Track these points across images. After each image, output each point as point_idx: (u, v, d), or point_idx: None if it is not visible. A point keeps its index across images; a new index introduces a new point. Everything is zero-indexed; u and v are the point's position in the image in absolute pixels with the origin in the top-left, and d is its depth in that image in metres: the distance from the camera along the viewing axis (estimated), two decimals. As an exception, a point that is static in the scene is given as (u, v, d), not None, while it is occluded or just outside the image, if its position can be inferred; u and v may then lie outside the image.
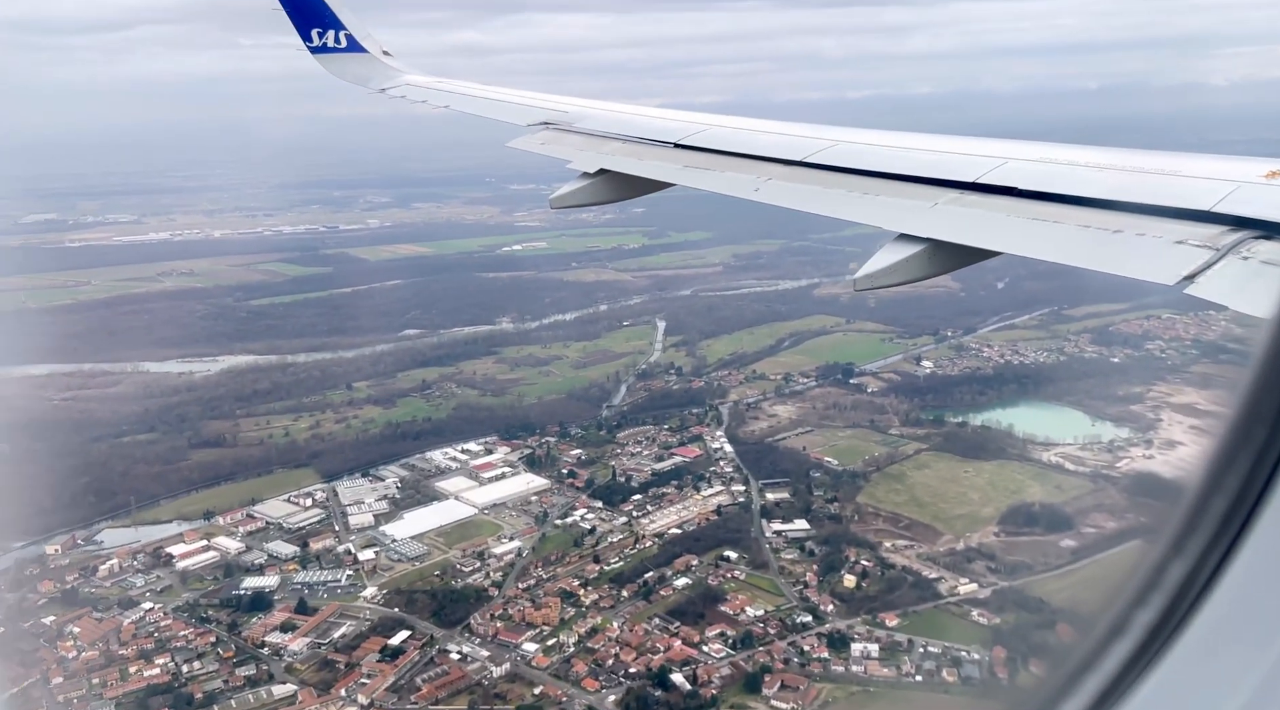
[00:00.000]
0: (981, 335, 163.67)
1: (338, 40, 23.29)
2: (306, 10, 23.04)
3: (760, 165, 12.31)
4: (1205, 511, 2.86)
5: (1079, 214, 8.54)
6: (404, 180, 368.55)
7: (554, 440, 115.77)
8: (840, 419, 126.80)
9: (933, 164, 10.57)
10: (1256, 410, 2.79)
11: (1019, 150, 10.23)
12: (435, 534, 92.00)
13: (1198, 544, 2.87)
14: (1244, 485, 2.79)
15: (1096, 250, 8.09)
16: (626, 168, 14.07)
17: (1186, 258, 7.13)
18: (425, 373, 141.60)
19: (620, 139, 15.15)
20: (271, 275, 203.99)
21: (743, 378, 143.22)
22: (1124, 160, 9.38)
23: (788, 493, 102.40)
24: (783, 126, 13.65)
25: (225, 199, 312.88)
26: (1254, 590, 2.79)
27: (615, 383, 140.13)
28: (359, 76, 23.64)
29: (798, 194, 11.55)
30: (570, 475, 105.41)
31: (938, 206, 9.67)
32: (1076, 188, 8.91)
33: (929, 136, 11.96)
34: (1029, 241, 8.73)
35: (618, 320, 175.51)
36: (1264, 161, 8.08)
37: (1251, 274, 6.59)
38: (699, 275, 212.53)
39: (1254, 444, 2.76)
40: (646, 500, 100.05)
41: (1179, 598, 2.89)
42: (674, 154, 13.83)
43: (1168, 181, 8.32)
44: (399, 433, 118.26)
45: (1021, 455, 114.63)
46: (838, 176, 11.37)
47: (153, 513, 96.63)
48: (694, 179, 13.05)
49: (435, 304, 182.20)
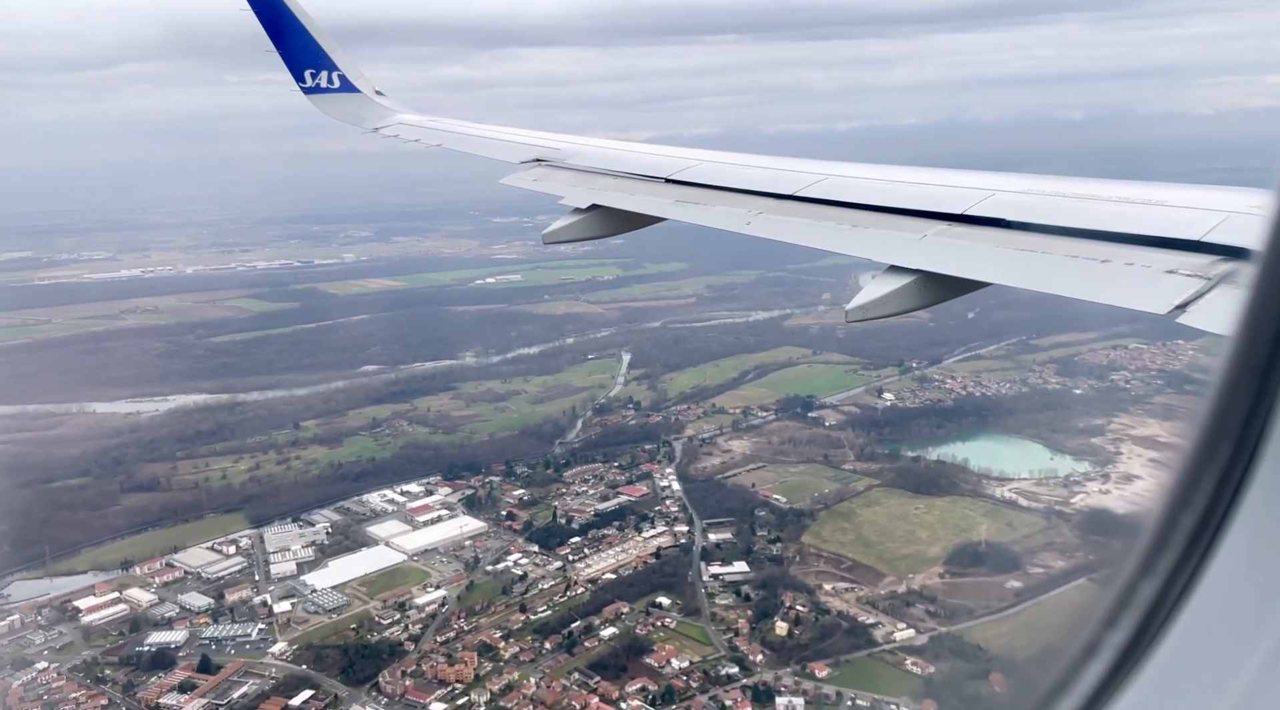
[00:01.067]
0: (946, 366, 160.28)
1: (330, 81, 23.33)
2: (299, 52, 22.86)
3: (751, 199, 12.21)
4: (1173, 529, 2.86)
5: (1067, 244, 8.42)
6: (387, 215, 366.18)
7: (498, 480, 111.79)
8: (794, 454, 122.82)
9: (921, 197, 10.41)
10: (1220, 427, 2.78)
11: (1006, 182, 10.11)
12: (359, 583, 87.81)
13: (1167, 562, 2.87)
14: (1210, 503, 2.80)
15: (1086, 280, 7.97)
16: (618, 203, 13.97)
17: (1178, 287, 7.03)
18: (377, 410, 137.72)
19: (611, 175, 15.09)
20: (237, 311, 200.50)
21: (701, 412, 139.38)
22: (1111, 191, 9.18)
23: (731, 533, 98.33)
24: (773, 161, 13.55)
25: (205, 235, 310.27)
26: (1223, 607, 2.81)
27: (571, 418, 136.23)
28: (352, 116, 23.57)
29: (789, 227, 11.36)
30: (509, 517, 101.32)
31: (927, 238, 9.51)
32: (1064, 219, 8.82)
33: (917, 170, 11.72)
34: (1018, 272, 8.59)
35: (582, 354, 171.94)
36: (1252, 192, 7.88)
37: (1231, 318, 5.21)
38: (671, 307, 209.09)
39: (1218, 461, 2.77)
40: (585, 543, 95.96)
41: (1150, 617, 2.88)
42: (665, 189, 13.77)
43: (1156, 212, 8.25)
44: (340, 474, 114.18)
45: (975, 491, 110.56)
46: (828, 210, 11.19)
47: (70, 563, 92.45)
48: (685, 213, 12.91)
49: (399, 339, 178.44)
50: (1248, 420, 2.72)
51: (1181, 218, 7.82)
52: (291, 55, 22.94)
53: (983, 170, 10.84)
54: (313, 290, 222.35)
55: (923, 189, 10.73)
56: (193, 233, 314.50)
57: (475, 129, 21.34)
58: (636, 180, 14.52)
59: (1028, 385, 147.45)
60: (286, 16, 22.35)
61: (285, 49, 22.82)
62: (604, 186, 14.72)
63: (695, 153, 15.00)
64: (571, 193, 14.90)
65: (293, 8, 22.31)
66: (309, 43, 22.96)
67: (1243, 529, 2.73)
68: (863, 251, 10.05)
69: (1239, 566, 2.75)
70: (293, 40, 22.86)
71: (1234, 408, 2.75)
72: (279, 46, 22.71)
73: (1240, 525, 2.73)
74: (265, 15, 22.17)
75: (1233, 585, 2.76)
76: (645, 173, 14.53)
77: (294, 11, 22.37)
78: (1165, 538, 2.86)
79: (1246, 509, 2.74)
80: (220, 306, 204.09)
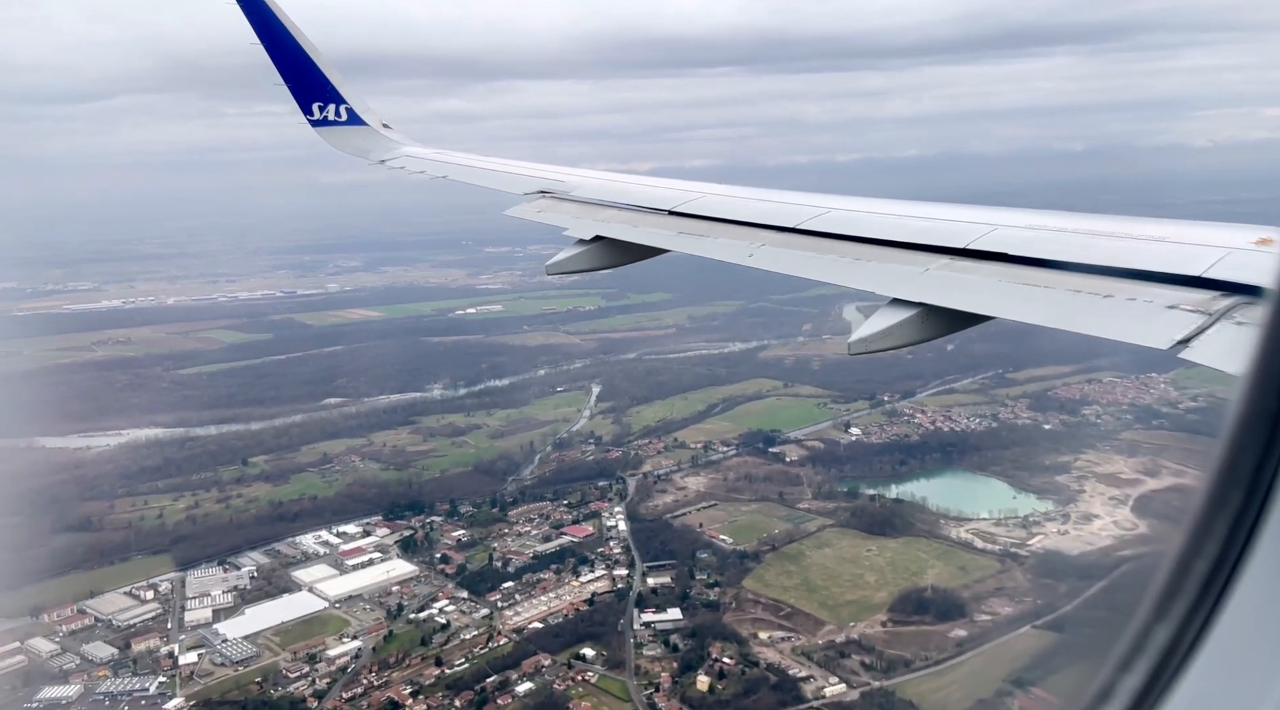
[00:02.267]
0: (919, 400, 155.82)
1: (338, 114, 23.34)
2: (307, 85, 22.86)
3: (754, 232, 12.08)
4: (1187, 574, 2.87)
5: (1069, 279, 8.26)
6: (382, 244, 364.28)
7: (440, 520, 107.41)
8: (749, 492, 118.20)
9: (924, 230, 10.23)
10: (1232, 473, 2.78)
11: (1008, 217, 9.93)
12: (273, 632, 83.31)
13: (1181, 607, 2.88)
14: (1223, 548, 2.82)
15: (1089, 315, 7.74)
16: (622, 235, 13.86)
17: (1180, 322, 6.84)
18: (331, 445, 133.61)
19: (615, 207, 15.05)
20: (209, 343, 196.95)
21: (662, 447, 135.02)
22: (1113, 227, 9.06)
23: (671, 576, 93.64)
24: (775, 194, 13.42)
25: (196, 265, 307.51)
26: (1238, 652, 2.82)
27: (529, 454, 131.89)
28: (359, 149, 23.51)
29: (791, 260, 11.13)
30: (444, 560, 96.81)
31: (929, 272, 9.35)
32: (1066, 253, 8.67)
33: (918, 204, 11.47)
34: (1020, 306, 8.38)
35: (551, 386, 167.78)
36: (1253, 228, 7.75)
37: (1246, 339, 6.01)
38: (650, 337, 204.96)
39: (1231, 507, 2.80)
40: (518, 588, 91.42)
41: (1164, 662, 2.89)
42: (668, 221, 13.69)
43: (1157, 247, 8.09)
44: (278, 514, 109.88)
45: (931, 532, 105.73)
46: (830, 242, 11.05)
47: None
48: (688, 245, 12.78)
49: (368, 371, 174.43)
50: (1259, 466, 2.71)
51: (1183, 253, 7.76)
52: (300, 89, 22.93)
53: (985, 204, 10.71)
54: (289, 321, 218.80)
55: (925, 223, 10.59)
56: (183, 263, 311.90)
57: (480, 162, 21.30)
58: (640, 212, 14.39)
59: (998, 420, 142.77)
60: (295, 50, 22.29)
61: (294, 82, 22.77)
62: (607, 218, 14.60)
63: (699, 186, 14.79)
64: (575, 224, 14.78)
65: (301, 42, 22.24)
66: (317, 76, 22.95)
67: (1256, 574, 2.72)
68: (865, 284, 9.85)
69: (1252, 612, 2.72)
70: (301, 74, 22.80)
71: (1245, 454, 2.72)
72: (287, 80, 22.61)
73: (1253, 571, 2.72)
74: (274, 49, 22.01)
75: (1246, 631, 2.74)
76: (648, 205, 14.42)
77: (303, 45, 22.30)
78: (1179, 583, 2.83)
79: (1260, 554, 2.73)
80: (193, 338, 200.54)
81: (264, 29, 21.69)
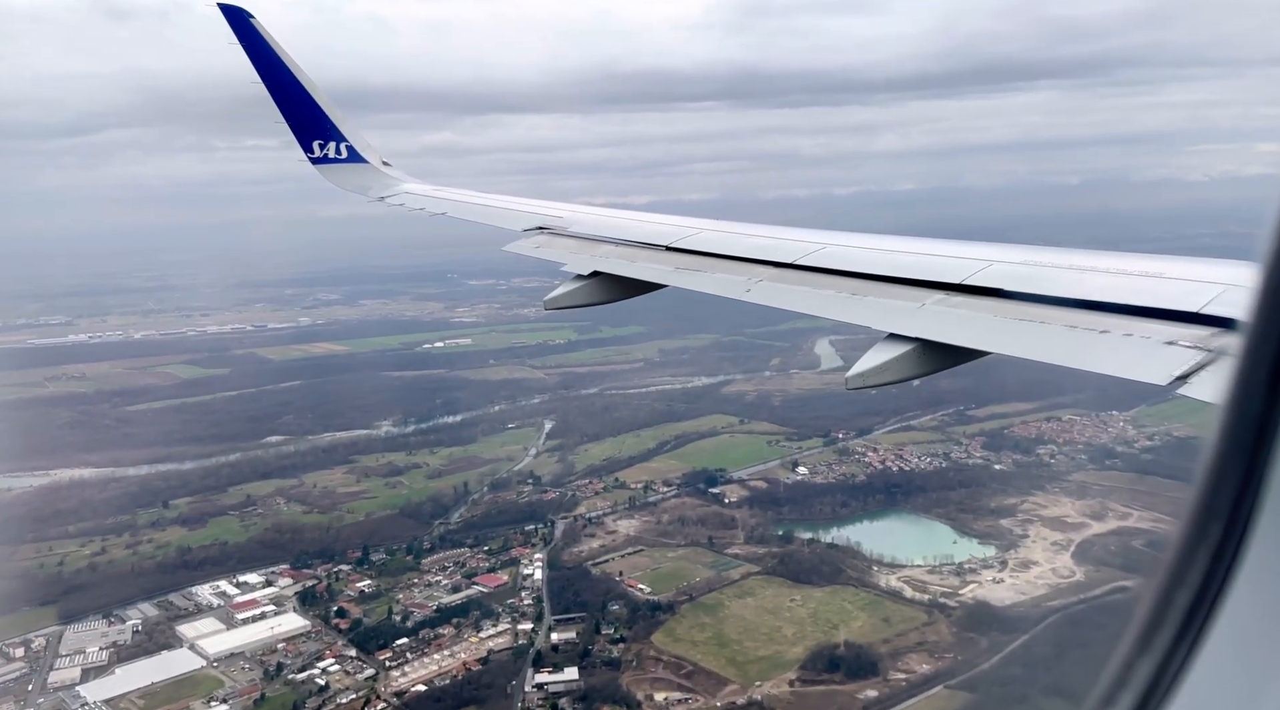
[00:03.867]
0: (875, 438, 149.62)
1: (339, 151, 23.20)
2: (308, 123, 22.75)
3: (751, 267, 11.98)
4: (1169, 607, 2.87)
5: (1066, 315, 8.20)
6: (367, 277, 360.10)
7: (348, 569, 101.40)
8: (680, 535, 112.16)
9: (920, 266, 10.17)
10: (1211, 505, 2.79)
11: (1004, 253, 9.92)
12: (139, 694, 77.33)
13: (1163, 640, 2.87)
14: (1204, 581, 2.81)
15: (1085, 351, 7.69)
16: (619, 270, 13.69)
17: (1178, 359, 6.82)
18: (260, 486, 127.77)
19: (613, 242, 14.91)
20: (164, 378, 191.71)
21: (602, 487, 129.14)
22: (1109, 263, 9.02)
23: (577, 631, 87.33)
24: (772, 230, 13.44)
25: (174, 299, 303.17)
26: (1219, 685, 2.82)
27: (463, 495, 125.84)
28: (359, 186, 23.29)
29: (788, 295, 11.07)
30: (340, 614, 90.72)
31: (925, 307, 9.30)
32: (1062, 289, 8.59)
33: (915, 240, 11.56)
34: (1016, 342, 8.32)
35: (503, 423, 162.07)
36: (1248, 264, 6.75)
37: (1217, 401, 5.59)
38: (615, 372, 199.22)
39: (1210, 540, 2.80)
40: (411, 645, 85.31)
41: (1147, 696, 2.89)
42: (666, 256, 13.50)
43: (1154, 284, 8.11)
44: (184, 561, 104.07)
45: (861, 579, 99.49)
46: (827, 278, 10.94)
47: None
48: (686, 280, 12.57)
49: (319, 407, 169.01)
50: (1238, 498, 2.73)
51: (1179, 290, 7.72)
52: (300, 127, 22.76)
53: (981, 238, 10.89)
54: (251, 355, 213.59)
55: (921, 259, 10.50)
56: (162, 297, 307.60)
57: (478, 198, 21.23)
58: (637, 248, 14.29)
59: (949, 460, 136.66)
60: (296, 89, 22.13)
61: (294, 121, 22.59)
62: (605, 253, 14.50)
63: (696, 221, 14.77)
64: (573, 260, 14.62)
65: (302, 80, 22.07)
66: (318, 114, 22.81)
67: (1237, 606, 2.73)
68: (862, 319, 9.78)
69: (1234, 644, 2.74)
70: (302, 112, 22.61)
71: (1224, 485, 2.74)
72: (288, 118, 22.45)
73: (1234, 602, 2.73)
74: (275, 88, 21.86)
75: (1228, 662, 2.75)
76: (646, 241, 14.34)
77: (303, 84, 22.14)
78: (1161, 616, 2.85)
79: (1240, 586, 2.73)
80: (150, 373, 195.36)
81: (265, 68, 21.47)
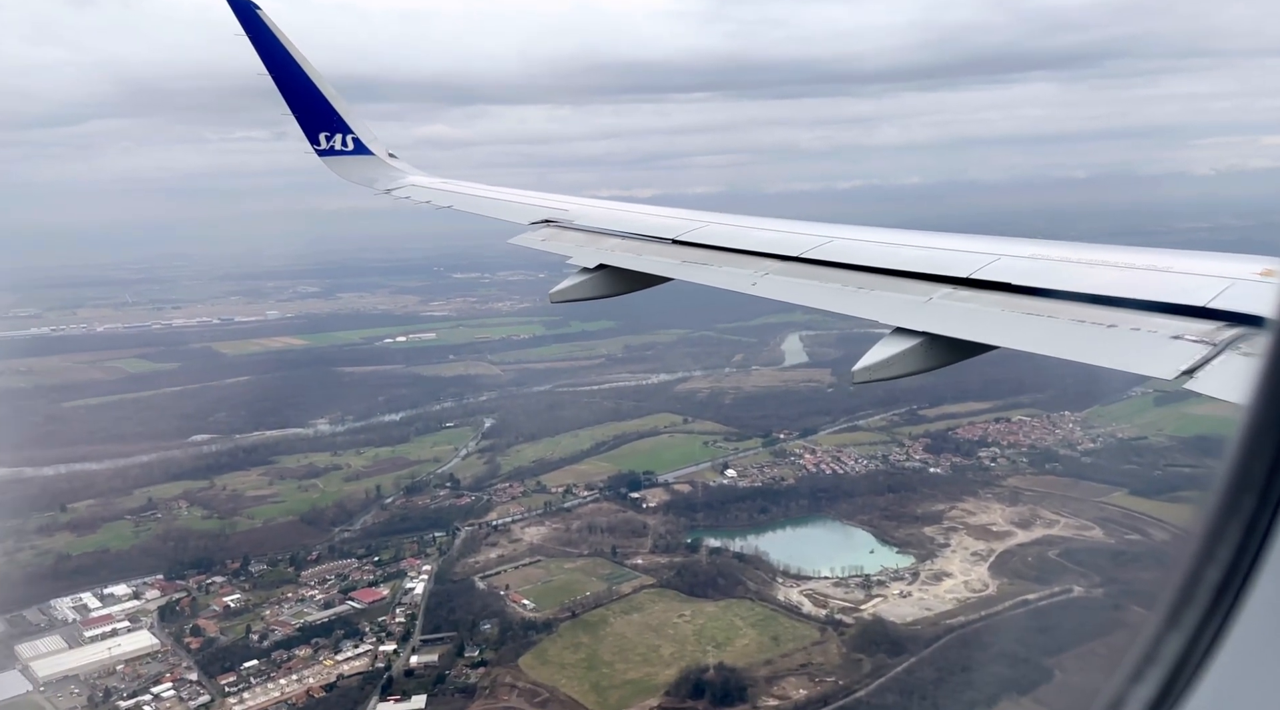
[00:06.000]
0: (819, 438, 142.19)
1: (345, 143, 22.73)
2: (314, 115, 22.20)
3: (757, 260, 11.78)
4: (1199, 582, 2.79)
5: (1072, 309, 8.07)
6: (353, 270, 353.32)
7: (222, 581, 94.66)
8: (585, 544, 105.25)
9: (927, 260, 9.97)
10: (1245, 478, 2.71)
11: (1011, 247, 9.72)
12: (-55, 725, 70.59)
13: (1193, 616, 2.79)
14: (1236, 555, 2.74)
15: (1092, 344, 7.62)
16: (625, 263, 13.46)
17: (1184, 353, 6.72)
18: (167, 488, 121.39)
19: (619, 235, 14.66)
20: (111, 373, 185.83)
21: (521, 491, 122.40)
22: (1116, 257, 8.84)
23: (440, 653, 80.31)
24: (779, 223, 13.11)
25: (153, 292, 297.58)
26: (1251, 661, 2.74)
27: (374, 499, 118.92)
28: (365, 178, 22.82)
29: (794, 288, 10.80)
30: (194, 632, 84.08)
31: (933, 301, 9.16)
32: (1069, 283, 8.47)
33: (921, 234, 11.26)
34: (1023, 336, 8.21)
35: (441, 422, 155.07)
36: (1257, 259, 7.65)
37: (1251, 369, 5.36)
38: (575, 368, 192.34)
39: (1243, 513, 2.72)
40: (259, 669, 78.71)
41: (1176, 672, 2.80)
42: (672, 250, 13.31)
43: (1161, 278, 7.92)
44: (57, 570, 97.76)
45: (761, 592, 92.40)
46: (834, 271, 10.76)
47: None
48: (692, 274, 12.41)
49: (257, 404, 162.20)
50: (1272, 471, 2.68)
51: (1186, 284, 7.55)
52: (306, 118, 22.12)
53: (987, 232, 10.53)
54: (205, 350, 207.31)
55: (928, 253, 10.27)
56: (142, 290, 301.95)
57: (484, 191, 21.08)
58: (644, 241, 14.04)
59: (887, 462, 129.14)
60: (302, 80, 21.48)
61: (300, 112, 21.99)
62: (611, 247, 14.24)
63: (702, 215, 14.44)
64: (579, 253, 14.40)
65: (308, 72, 21.43)
66: (324, 106, 22.14)
67: (1269, 581, 2.67)
68: (868, 313, 9.54)
69: (1266, 619, 2.68)
70: (308, 104, 21.96)
71: (1258, 459, 2.68)
72: (294, 110, 21.87)
73: (1267, 577, 2.67)
74: (281, 79, 21.19)
75: (1260, 638, 2.69)
76: (652, 234, 14.07)
77: (310, 75, 21.51)
78: (1191, 591, 2.77)
79: (1273, 561, 2.68)
80: (98, 368, 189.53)
81: (271, 60, 20.89)
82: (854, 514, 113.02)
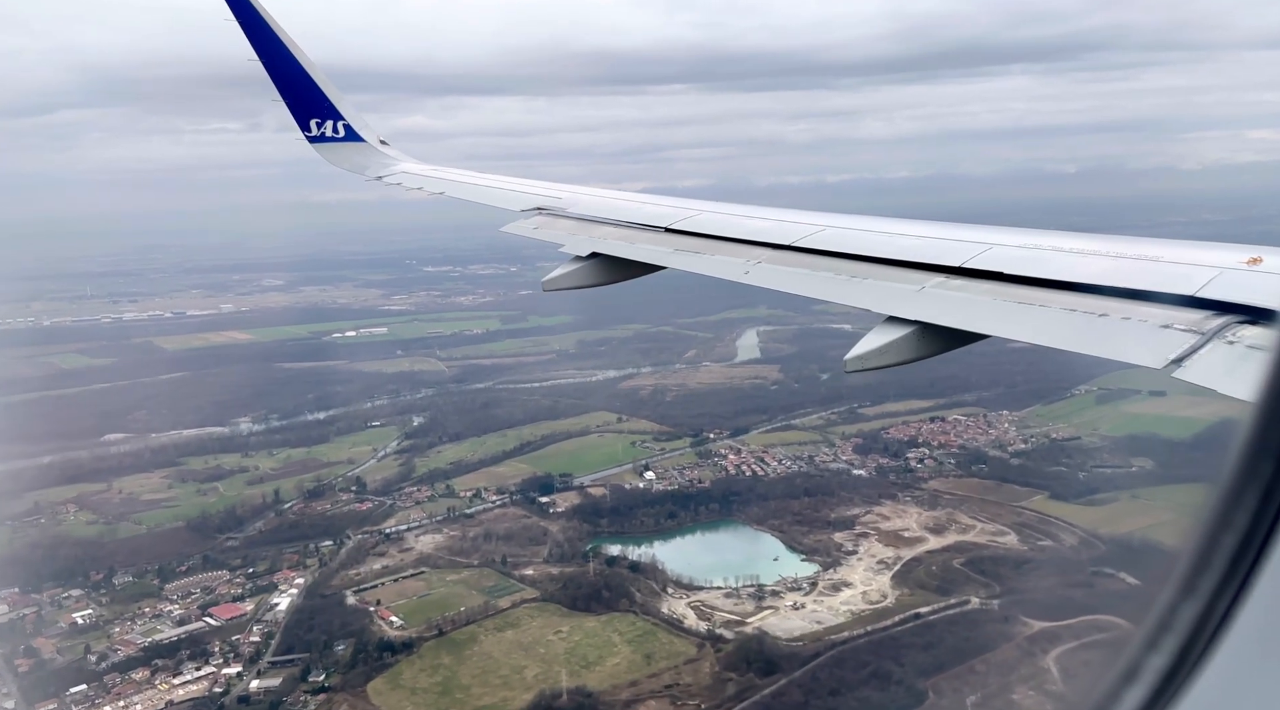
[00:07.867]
0: (750, 437, 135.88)
1: (335, 130, 22.35)
2: (305, 101, 21.76)
3: (749, 249, 11.55)
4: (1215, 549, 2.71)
5: (1064, 298, 7.97)
6: (322, 263, 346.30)
7: (79, 594, 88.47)
8: (478, 554, 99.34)
9: (918, 249, 9.78)
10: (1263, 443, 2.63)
11: (1002, 236, 9.53)
12: None
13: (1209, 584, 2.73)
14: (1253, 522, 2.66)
15: (1082, 333, 7.54)
16: (618, 251, 13.23)
17: (1173, 341, 6.66)
18: (60, 492, 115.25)
19: (612, 224, 14.35)
20: (43, 369, 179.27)
21: (428, 496, 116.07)
22: (1106, 246, 8.81)
23: (284, 677, 74.02)
24: (771, 212, 12.86)
25: (115, 285, 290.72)
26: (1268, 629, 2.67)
27: (270, 505, 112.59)
28: (356, 165, 22.34)
29: (787, 277, 10.67)
30: (26, 653, 77.56)
31: (924, 290, 8.96)
32: (1060, 272, 8.30)
33: (914, 222, 11.02)
34: (1015, 324, 8.09)
35: (366, 421, 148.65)
36: (1244, 248, 7.54)
37: (1239, 358, 6.23)
38: (521, 365, 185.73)
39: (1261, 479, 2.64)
40: (86, 693, 72.72)
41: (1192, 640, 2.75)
42: (665, 238, 13.02)
43: (1150, 267, 7.85)
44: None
45: (646, 605, 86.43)
46: (826, 260, 10.51)
47: None
48: (684, 262, 12.18)
49: (184, 401, 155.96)
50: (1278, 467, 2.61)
51: (1175, 273, 7.53)
52: (297, 104, 21.63)
53: (979, 224, 10.31)
54: (147, 344, 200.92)
55: (920, 241, 10.12)
56: (104, 282, 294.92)
57: (476, 178, 20.43)
58: (636, 229, 13.80)
59: (812, 463, 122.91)
60: (293, 66, 20.95)
61: (291, 99, 21.49)
62: (604, 235, 13.96)
63: (695, 203, 14.10)
64: (571, 241, 14.13)
65: (299, 57, 20.91)
66: (315, 92, 21.66)
67: (1269, 581, 2.61)
68: (860, 302, 9.39)
69: (1266, 619, 2.61)
70: (298, 90, 21.44)
71: (1263, 456, 2.61)
72: (285, 96, 21.36)
73: (1267, 577, 2.61)
74: (272, 65, 20.65)
75: (1261, 638, 2.63)
76: (645, 222, 13.81)
77: (300, 61, 20.97)
78: (1207, 558, 2.70)
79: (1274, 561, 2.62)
80: (31, 363, 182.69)
81: (261, 45, 20.27)
82: (765, 519, 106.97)
